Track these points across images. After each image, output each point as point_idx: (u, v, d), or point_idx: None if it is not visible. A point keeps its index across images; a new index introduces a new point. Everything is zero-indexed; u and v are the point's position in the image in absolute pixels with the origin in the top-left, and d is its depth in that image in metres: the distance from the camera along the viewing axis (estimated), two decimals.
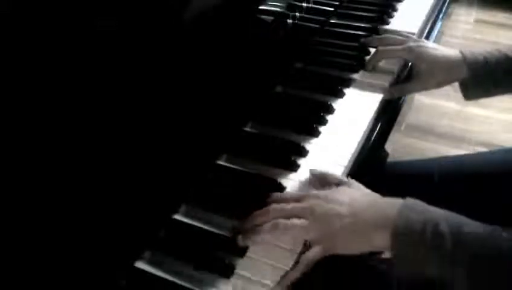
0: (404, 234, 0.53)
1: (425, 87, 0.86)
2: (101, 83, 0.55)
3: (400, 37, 0.87)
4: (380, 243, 0.56)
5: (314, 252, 0.57)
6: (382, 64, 0.89)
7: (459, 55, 0.81)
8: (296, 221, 0.57)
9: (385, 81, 0.85)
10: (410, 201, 0.56)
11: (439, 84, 0.84)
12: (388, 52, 0.87)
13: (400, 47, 0.85)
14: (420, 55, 0.82)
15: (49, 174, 0.50)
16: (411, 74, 0.87)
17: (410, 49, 0.83)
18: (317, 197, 0.59)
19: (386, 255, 0.59)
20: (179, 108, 0.66)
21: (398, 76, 0.88)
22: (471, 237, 0.52)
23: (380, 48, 0.87)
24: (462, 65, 0.80)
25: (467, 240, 0.52)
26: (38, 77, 0.50)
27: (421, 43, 0.84)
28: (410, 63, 0.89)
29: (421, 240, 0.52)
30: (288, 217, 0.58)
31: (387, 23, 1.02)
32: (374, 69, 0.88)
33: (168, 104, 0.64)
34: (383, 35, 0.91)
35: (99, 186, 0.54)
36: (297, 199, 0.60)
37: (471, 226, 0.53)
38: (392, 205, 0.56)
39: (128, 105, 0.58)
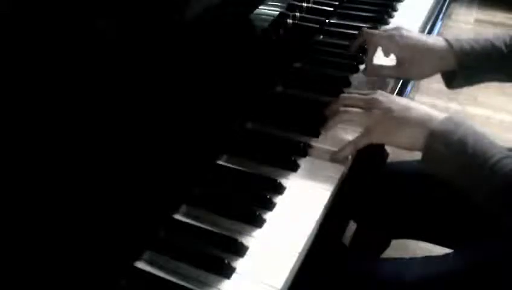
0: (438, 136, 0.63)
1: (406, 76, 0.84)
2: (101, 82, 0.55)
3: (384, 28, 0.87)
4: (418, 139, 0.65)
5: (364, 138, 0.69)
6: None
7: (445, 44, 0.78)
8: (358, 109, 0.70)
9: None
10: (456, 116, 0.66)
11: (423, 75, 0.81)
12: (371, 36, 0.84)
13: (382, 33, 0.83)
14: (402, 44, 0.80)
15: (49, 174, 0.50)
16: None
17: (391, 37, 0.81)
18: (381, 94, 0.70)
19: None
20: (179, 108, 0.66)
21: None
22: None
23: (365, 30, 0.86)
24: (449, 55, 0.78)
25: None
26: (39, 76, 0.50)
27: (404, 32, 0.81)
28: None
29: (448, 141, 0.62)
30: (354, 106, 0.70)
31: (387, 23, 1.02)
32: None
33: (168, 103, 0.64)
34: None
35: (99, 186, 0.54)
36: (365, 94, 0.72)
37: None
38: (437, 112, 0.66)
39: (128, 105, 0.58)
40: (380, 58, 0.85)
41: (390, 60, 0.85)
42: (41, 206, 0.49)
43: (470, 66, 0.78)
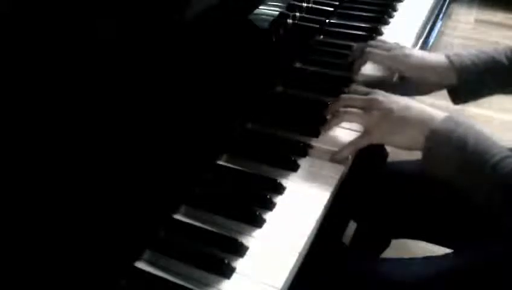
0: (439, 135, 0.63)
1: (406, 94, 0.82)
2: (101, 83, 0.55)
3: (388, 44, 0.85)
4: (418, 139, 0.65)
5: (364, 139, 0.69)
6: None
7: (446, 61, 0.79)
8: (358, 110, 0.70)
9: None
10: (455, 114, 0.66)
11: (423, 93, 0.82)
12: (374, 56, 0.83)
13: (385, 53, 0.82)
14: (405, 64, 0.80)
15: (49, 174, 0.50)
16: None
17: (395, 57, 0.81)
18: (381, 94, 0.70)
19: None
20: (179, 108, 0.66)
21: None
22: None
23: (368, 49, 0.85)
24: (450, 73, 0.78)
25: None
26: (39, 76, 0.50)
27: (407, 51, 0.81)
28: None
29: (448, 140, 0.62)
30: (354, 107, 0.70)
31: (387, 23, 1.02)
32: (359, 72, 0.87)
33: (169, 104, 0.64)
34: (370, 43, 0.87)
35: (99, 186, 0.54)
36: (365, 93, 0.72)
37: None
38: (437, 112, 0.67)
39: (128, 105, 0.58)
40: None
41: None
42: (41, 206, 0.49)
43: (471, 81, 0.79)
